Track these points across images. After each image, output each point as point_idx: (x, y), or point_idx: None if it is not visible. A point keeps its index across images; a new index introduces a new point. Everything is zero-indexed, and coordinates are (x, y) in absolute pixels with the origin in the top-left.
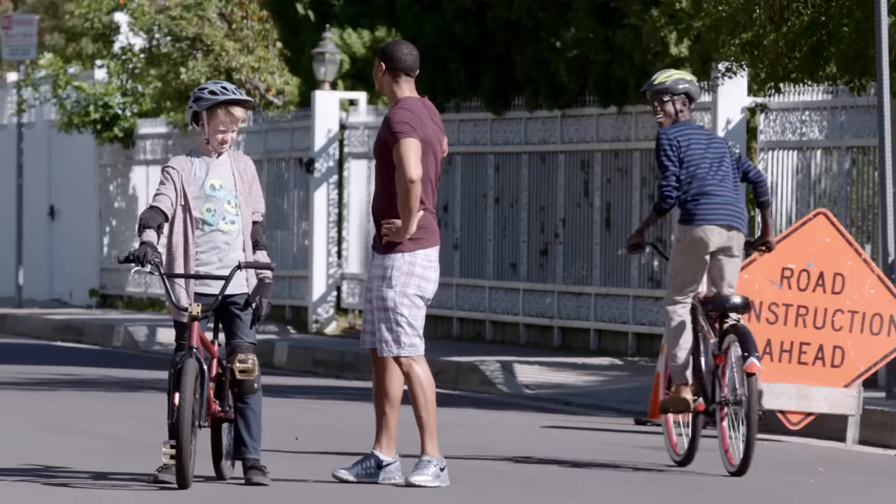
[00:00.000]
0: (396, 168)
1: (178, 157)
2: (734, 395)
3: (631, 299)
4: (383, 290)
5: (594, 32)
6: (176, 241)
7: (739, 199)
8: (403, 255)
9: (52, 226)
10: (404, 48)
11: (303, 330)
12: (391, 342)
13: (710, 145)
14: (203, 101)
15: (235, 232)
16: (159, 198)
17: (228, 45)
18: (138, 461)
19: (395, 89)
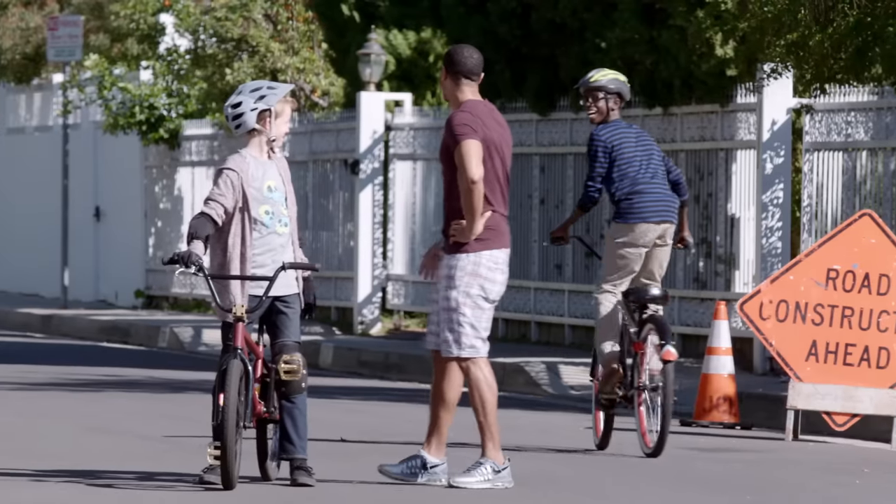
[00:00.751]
0: (458, 170)
1: (235, 157)
2: (651, 382)
3: (676, 300)
4: (447, 291)
5: (639, 33)
6: (232, 242)
7: (669, 193)
8: (468, 255)
9: (97, 227)
10: (465, 51)
11: (348, 331)
12: (452, 343)
13: (640, 143)
14: (270, 95)
15: (288, 234)
16: (212, 204)
17: (274, 46)
18: (183, 462)
19: (457, 93)
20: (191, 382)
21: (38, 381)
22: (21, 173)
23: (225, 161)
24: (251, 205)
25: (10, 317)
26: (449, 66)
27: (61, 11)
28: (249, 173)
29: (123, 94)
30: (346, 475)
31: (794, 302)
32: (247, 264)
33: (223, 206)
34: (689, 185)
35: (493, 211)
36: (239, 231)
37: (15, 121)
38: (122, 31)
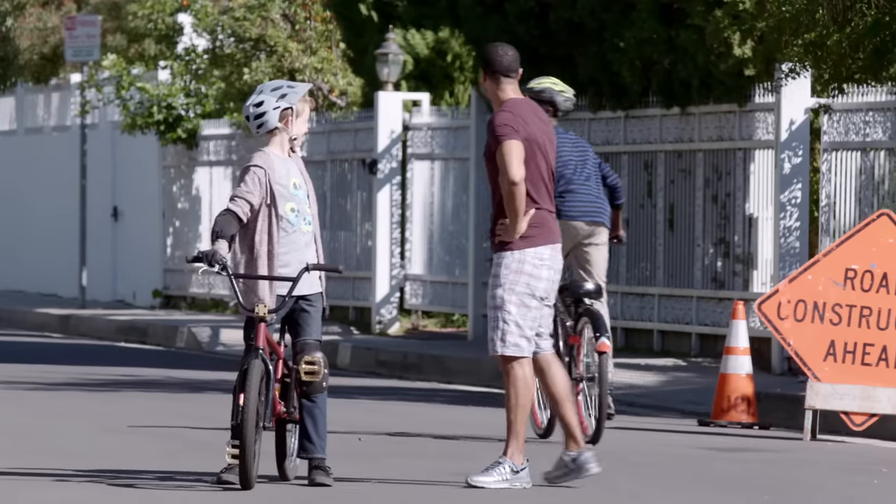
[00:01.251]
0: (500, 171)
1: (261, 154)
2: (588, 372)
3: (694, 300)
4: (493, 289)
5: (657, 33)
6: (259, 239)
7: (600, 197)
8: (513, 253)
9: (115, 227)
10: (499, 49)
11: (366, 331)
12: (497, 341)
13: (576, 149)
14: (291, 94)
15: (311, 233)
16: (239, 202)
17: (292, 46)
18: (202, 462)
19: (498, 92)
20: (209, 382)
21: (57, 381)
22: (39, 173)
23: (250, 158)
24: (278, 202)
25: (28, 317)
26: (486, 66)
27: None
28: (276, 170)
29: (141, 93)
30: (364, 475)
31: (812, 302)
32: (274, 262)
33: (249, 204)
34: (708, 184)
35: (538, 208)
36: (266, 228)
37: (33, 121)
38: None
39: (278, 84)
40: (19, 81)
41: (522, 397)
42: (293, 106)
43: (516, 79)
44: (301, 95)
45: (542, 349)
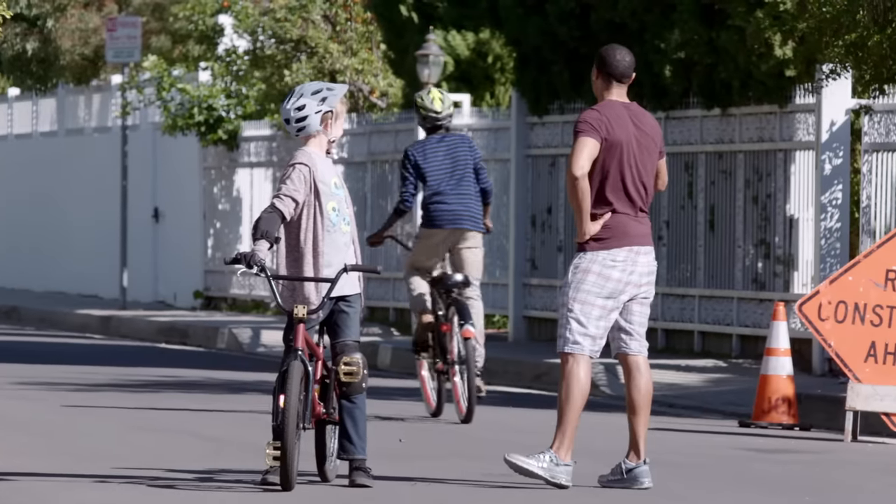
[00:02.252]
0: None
1: (304, 153)
2: (459, 357)
3: (735, 301)
4: (564, 286)
5: (698, 34)
6: (304, 238)
7: (470, 202)
8: (585, 254)
9: (156, 228)
10: (618, 54)
11: (406, 332)
12: (560, 337)
13: (448, 156)
14: (331, 97)
15: (350, 233)
16: (285, 199)
17: (332, 47)
18: (243, 463)
19: (605, 93)
20: (249, 383)
21: (98, 383)
22: (80, 175)
23: (294, 157)
24: (322, 199)
25: (69, 318)
26: (601, 67)
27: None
28: (319, 168)
29: (182, 95)
30: (405, 476)
31: (852, 303)
32: (319, 260)
33: (295, 202)
34: (748, 185)
35: (615, 211)
36: (311, 226)
37: (74, 122)
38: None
39: (318, 87)
40: (60, 82)
41: (573, 394)
42: (333, 109)
43: (627, 84)
44: (339, 98)
45: (631, 350)
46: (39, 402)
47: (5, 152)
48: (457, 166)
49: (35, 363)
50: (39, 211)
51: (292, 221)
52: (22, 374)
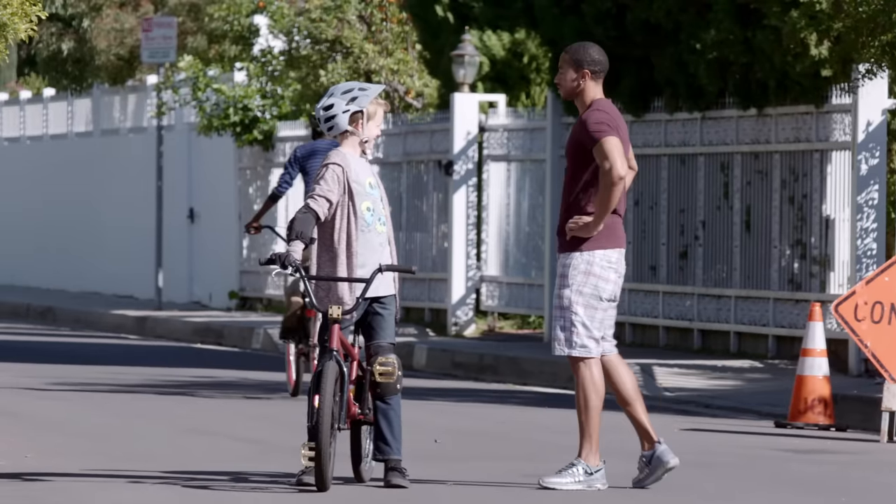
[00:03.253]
0: (600, 167)
1: (337, 153)
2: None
3: (771, 302)
4: (561, 289)
5: (734, 34)
6: (338, 238)
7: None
8: (582, 254)
9: (191, 228)
10: (599, 51)
11: (442, 332)
12: (563, 341)
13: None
14: (361, 97)
15: (386, 233)
16: (319, 200)
17: (368, 47)
18: (277, 463)
19: (594, 92)
20: (285, 384)
21: (133, 383)
22: (115, 175)
23: (328, 157)
24: (356, 200)
25: (104, 319)
26: (591, 65)
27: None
28: (352, 168)
29: (217, 95)
30: (441, 477)
31: (889, 303)
32: (353, 261)
33: (329, 202)
34: (784, 185)
35: (614, 212)
36: (344, 226)
37: (109, 122)
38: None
39: (350, 86)
40: (96, 83)
41: (592, 399)
42: (363, 109)
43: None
44: (371, 98)
45: (606, 351)
46: (74, 403)
47: (41, 153)
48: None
49: (70, 364)
50: (75, 211)
51: (326, 221)
52: (57, 374)
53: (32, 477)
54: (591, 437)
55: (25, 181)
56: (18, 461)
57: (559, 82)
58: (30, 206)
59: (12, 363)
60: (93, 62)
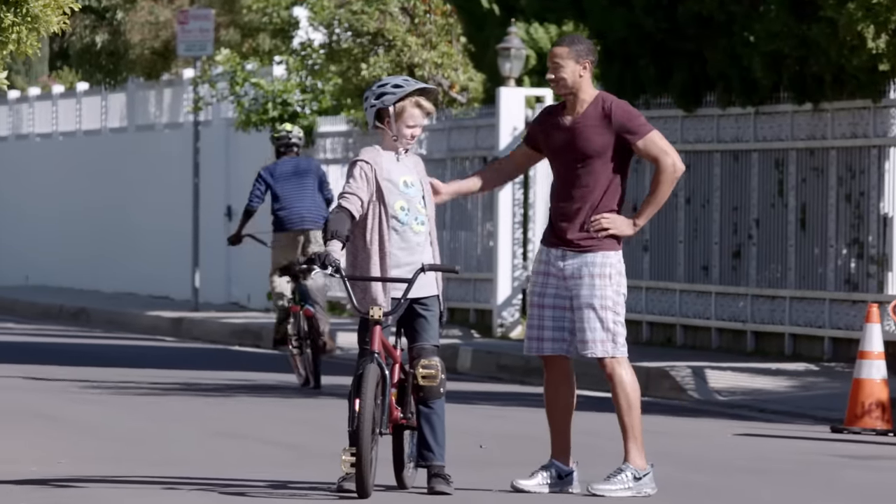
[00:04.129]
0: (658, 161)
1: (369, 150)
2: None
3: (827, 302)
4: (602, 289)
5: (788, 26)
6: (370, 238)
7: (312, 207)
8: (617, 252)
9: (229, 227)
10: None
11: (487, 334)
12: (608, 342)
13: (295, 172)
14: (388, 95)
15: (425, 233)
16: (350, 198)
17: (411, 40)
18: (317, 469)
19: (591, 84)
20: (324, 387)
21: (168, 386)
22: (150, 172)
23: (358, 153)
24: (387, 198)
25: (139, 320)
26: (589, 54)
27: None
28: (383, 166)
29: (256, 90)
30: (486, 483)
31: None
32: (386, 261)
33: (360, 199)
34: (841, 183)
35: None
36: (376, 226)
37: (144, 117)
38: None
39: (384, 81)
40: (130, 77)
41: (634, 399)
42: (390, 106)
43: None
44: (400, 96)
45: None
46: (109, 407)
47: (74, 149)
48: (305, 179)
49: (104, 366)
50: (108, 209)
51: (359, 221)
52: (91, 377)
53: (65, 483)
54: (636, 439)
55: (58, 178)
56: (52, 466)
57: (558, 78)
58: (62, 203)
59: (44, 366)
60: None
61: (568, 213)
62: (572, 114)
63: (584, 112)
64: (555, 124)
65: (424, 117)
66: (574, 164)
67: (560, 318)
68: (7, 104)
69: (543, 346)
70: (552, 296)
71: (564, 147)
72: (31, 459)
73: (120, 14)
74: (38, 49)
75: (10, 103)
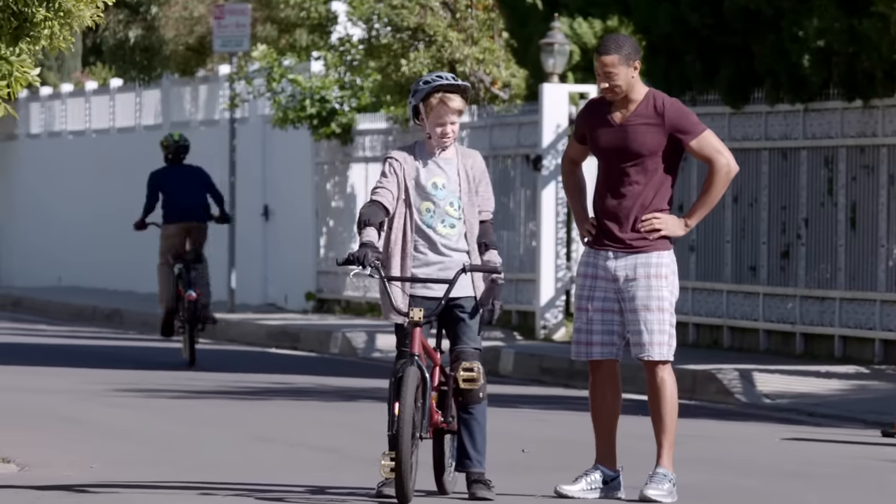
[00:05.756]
0: (712, 160)
1: (403, 147)
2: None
3: (878, 304)
4: (660, 290)
5: (838, 21)
6: (395, 238)
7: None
8: (670, 252)
9: (266, 226)
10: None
11: (530, 336)
12: (665, 345)
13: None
14: (418, 92)
15: (455, 235)
16: (380, 191)
17: (452, 35)
18: (356, 474)
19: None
20: (364, 390)
21: (203, 389)
22: None
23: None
24: (412, 199)
25: None
26: (638, 53)
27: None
28: (412, 165)
29: (293, 86)
30: (529, 489)
31: None
32: (407, 262)
33: (390, 192)
34: (892, 181)
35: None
36: (401, 226)
37: (179, 114)
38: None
39: (422, 78)
40: (165, 73)
41: (676, 403)
42: (419, 103)
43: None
44: (425, 92)
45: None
46: (143, 410)
47: (108, 146)
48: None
49: (137, 369)
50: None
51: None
52: (125, 380)
53: (98, 489)
54: (673, 445)
55: (91, 176)
56: (85, 471)
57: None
58: (95, 202)
59: (77, 368)
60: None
61: (618, 212)
62: (622, 112)
63: (635, 110)
64: (603, 122)
65: (453, 114)
66: (625, 162)
67: (609, 322)
68: (39, 101)
69: (592, 350)
70: (600, 299)
71: (615, 145)
72: (65, 464)
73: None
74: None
75: (42, 100)
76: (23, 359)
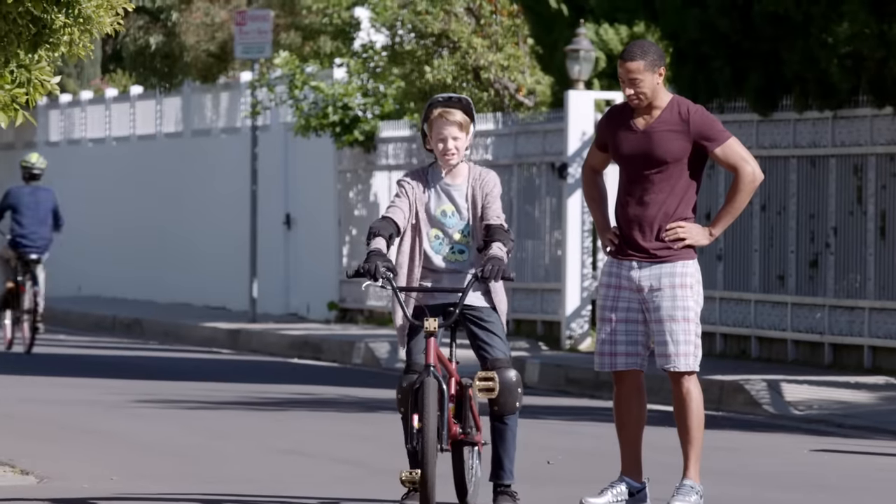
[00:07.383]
0: (738, 168)
1: (417, 170)
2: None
3: None
4: (683, 300)
5: (868, 27)
6: (401, 260)
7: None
8: (694, 261)
9: (287, 235)
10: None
11: (555, 346)
12: (691, 356)
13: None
14: (426, 108)
15: (464, 262)
16: (392, 210)
17: (476, 41)
18: (379, 487)
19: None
20: (387, 401)
21: (224, 400)
22: (207, 178)
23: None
24: (421, 224)
25: (195, 331)
26: (662, 59)
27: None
28: (423, 190)
29: (315, 93)
30: (554, 501)
31: None
32: (412, 280)
33: (402, 211)
34: None
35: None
36: (408, 249)
37: (201, 122)
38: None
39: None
40: (186, 80)
41: (702, 415)
42: (423, 125)
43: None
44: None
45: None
46: (163, 421)
47: (128, 154)
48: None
49: (158, 379)
50: (163, 217)
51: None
52: (145, 391)
53: (117, 502)
54: (700, 457)
55: (111, 184)
56: (104, 483)
57: (639, 93)
58: (115, 210)
59: (97, 378)
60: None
61: (641, 221)
62: (645, 118)
63: (659, 117)
64: (626, 128)
65: (453, 127)
66: (648, 170)
67: (633, 332)
68: (59, 108)
69: (616, 361)
70: (624, 309)
71: (638, 152)
72: (83, 476)
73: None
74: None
75: (61, 107)
76: (42, 369)
